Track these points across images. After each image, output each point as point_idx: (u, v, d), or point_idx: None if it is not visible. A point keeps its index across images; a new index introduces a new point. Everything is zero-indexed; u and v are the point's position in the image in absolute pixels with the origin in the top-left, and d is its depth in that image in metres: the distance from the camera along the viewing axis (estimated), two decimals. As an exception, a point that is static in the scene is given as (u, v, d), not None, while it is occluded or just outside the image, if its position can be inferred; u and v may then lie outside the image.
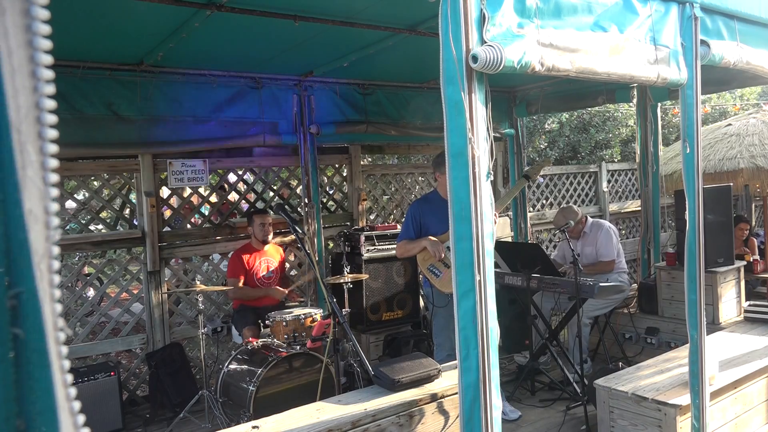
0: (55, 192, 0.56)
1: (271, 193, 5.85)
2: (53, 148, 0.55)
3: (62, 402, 0.55)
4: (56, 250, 0.56)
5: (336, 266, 5.64)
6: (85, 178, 5.05)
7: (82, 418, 0.57)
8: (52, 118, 0.55)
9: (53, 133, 0.55)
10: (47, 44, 0.54)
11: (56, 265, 0.56)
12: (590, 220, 5.29)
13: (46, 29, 0.54)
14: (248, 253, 4.84)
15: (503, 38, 2.03)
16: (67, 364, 0.57)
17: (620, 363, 4.51)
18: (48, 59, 0.54)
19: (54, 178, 0.56)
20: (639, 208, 6.86)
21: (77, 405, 0.57)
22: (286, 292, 4.84)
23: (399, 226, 5.24)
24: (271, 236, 4.92)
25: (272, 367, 3.83)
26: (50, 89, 0.55)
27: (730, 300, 5.03)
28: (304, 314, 4.27)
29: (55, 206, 0.56)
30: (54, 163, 0.55)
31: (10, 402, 0.53)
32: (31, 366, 0.54)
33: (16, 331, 0.53)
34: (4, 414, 0.52)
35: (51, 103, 0.55)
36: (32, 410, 0.54)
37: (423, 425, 2.96)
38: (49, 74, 0.55)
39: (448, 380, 3.14)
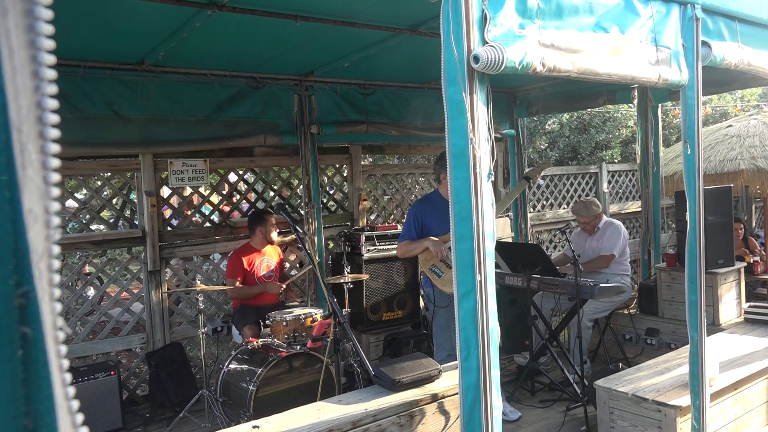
0: (56, 191, 0.56)
1: (272, 193, 5.85)
2: (55, 148, 0.55)
3: (61, 401, 0.55)
4: (56, 249, 0.56)
5: (336, 266, 5.64)
6: (86, 177, 5.05)
7: (80, 417, 0.57)
8: (55, 118, 0.55)
9: (55, 133, 0.55)
10: (50, 44, 0.54)
11: (56, 264, 0.56)
12: (606, 218, 5.32)
13: (49, 29, 0.54)
14: (248, 254, 4.84)
15: (505, 39, 2.03)
16: (66, 363, 0.57)
17: (620, 364, 4.50)
18: (51, 59, 0.54)
19: (55, 177, 0.55)
20: (639, 209, 6.85)
21: (76, 404, 0.57)
22: (283, 286, 4.84)
23: (399, 227, 5.24)
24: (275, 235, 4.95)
25: (272, 367, 3.83)
26: (53, 89, 0.55)
27: (731, 301, 5.03)
28: (304, 314, 4.27)
29: (56, 205, 0.56)
30: (56, 162, 0.55)
31: (19, 400, 0.53)
32: (38, 365, 0.54)
33: (25, 330, 0.53)
34: (12, 413, 0.52)
35: (53, 103, 0.55)
36: (41, 409, 0.53)
37: (423, 425, 2.96)
38: (52, 74, 0.54)
39: (448, 380, 3.14)
